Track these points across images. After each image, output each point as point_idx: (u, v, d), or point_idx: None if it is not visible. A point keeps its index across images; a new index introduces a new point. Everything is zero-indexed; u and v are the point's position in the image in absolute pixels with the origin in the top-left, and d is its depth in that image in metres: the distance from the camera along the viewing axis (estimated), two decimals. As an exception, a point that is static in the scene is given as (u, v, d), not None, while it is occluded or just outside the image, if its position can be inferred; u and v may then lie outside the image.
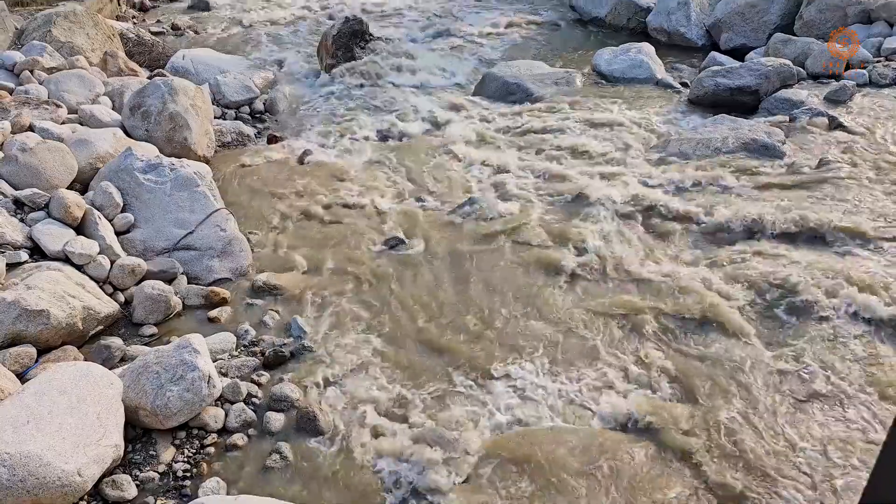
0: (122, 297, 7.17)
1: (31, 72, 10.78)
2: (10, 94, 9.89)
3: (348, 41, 14.83)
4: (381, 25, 18.12)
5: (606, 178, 9.80)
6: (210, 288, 7.44)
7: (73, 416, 4.93)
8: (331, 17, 18.88)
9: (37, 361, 5.99)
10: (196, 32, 18.63)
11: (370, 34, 15.26)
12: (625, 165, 10.21)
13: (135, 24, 18.00)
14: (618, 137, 11.11)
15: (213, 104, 12.08)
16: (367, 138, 11.79)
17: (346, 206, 9.52)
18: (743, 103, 11.97)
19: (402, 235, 8.63)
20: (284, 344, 6.70)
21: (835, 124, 10.70)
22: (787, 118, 11.17)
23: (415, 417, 5.87)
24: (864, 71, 12.40)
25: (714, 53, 14.20)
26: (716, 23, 15.73)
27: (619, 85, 13.68)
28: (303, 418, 5.79)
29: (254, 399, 6.03)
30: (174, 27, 18.77)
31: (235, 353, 6.59)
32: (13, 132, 8.63)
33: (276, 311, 7.25)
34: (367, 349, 6.69)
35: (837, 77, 12.40)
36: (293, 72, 15.18)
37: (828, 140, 10.34)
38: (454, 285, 7.69)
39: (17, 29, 12.49)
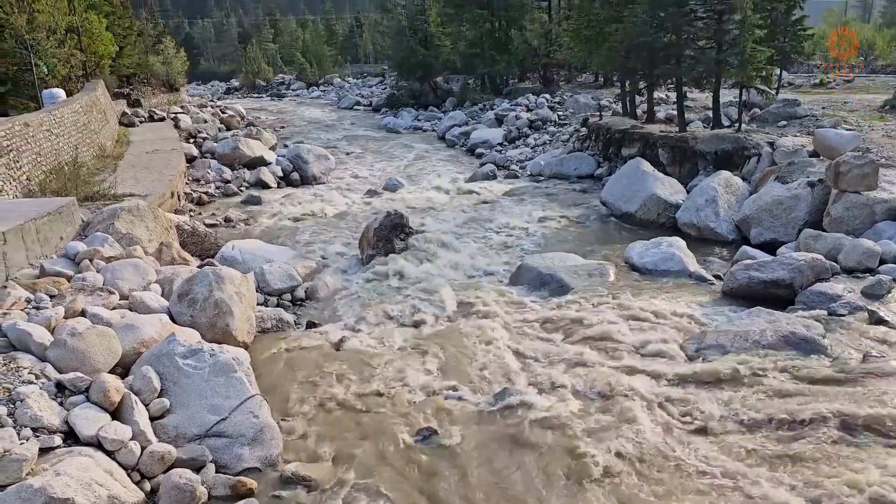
0: (148, 486, 7.04)
1: (91, 260, 11.44)
2: (68, 281, 10.45)
3: (389, 233, 15.58)
4: (421, 219, 19.08)
5: (642, 371, 9.67)
6: (238, 478, 7.27)
7: None
8: (372, 212, 20.01)
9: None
10: (247, 224, 19.84)
11: (410, 227, 16.03)
12: (661, 357, 10.09)
13: (191, 216, 19.28)
14: (653, 329, 11.09)
15: (257, 291, 12.55)
16: (402, 325, 11.98)
17: (379, 394, 9.47)
18: (778, 296, 12.00)
19: (434, 426, 8.47)
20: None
21: (875, 318, 10.57)
22: (826, 312, 11.10)
23: None
24: (899, 266, 12.46)
25: (745, 247, 14.48)
26: (744, 218, 16.21)
27: (651, 277, 13.90)
28: None
29: None
30: (227, 220, 20.06)
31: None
32: (66, 317, 9.00)
33: (304, 506, 7.00)
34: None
35: (872, 271, 12.45)
36: (335, 261, 15.86)
37: (870, 334, 10.17)
38: (486, 481, 7.39)
39: (83, 221, 13.45)
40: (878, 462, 7.23)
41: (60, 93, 27.28)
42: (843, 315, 10.83)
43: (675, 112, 25.45)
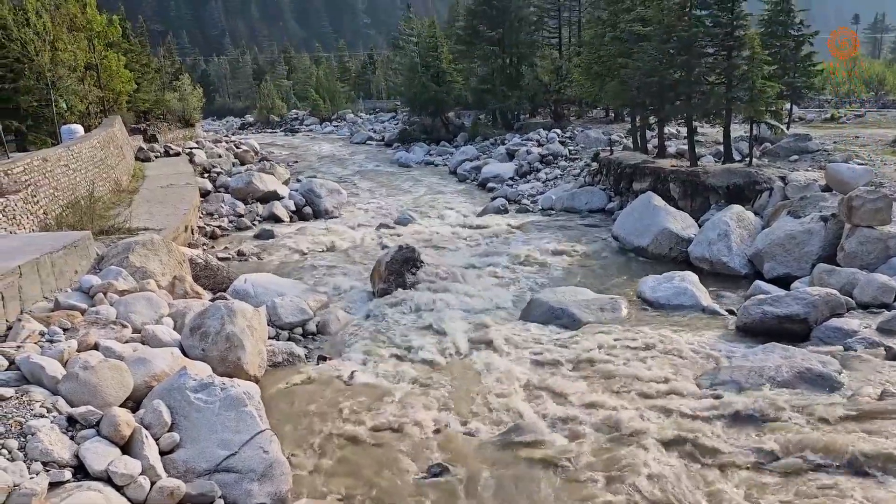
0: (156, 522, 6.96)
1: (105, 294, 11.52)
2: (82, 315, 10.51)
3: (400, 267, 15.62)
4: (433, 253, 19.11)
5: (656, 407, 9.55)
6: (246, 515, 7.18)
7: None
8: (384, 246, 20.08)
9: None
10: (260, 258, 19.95)
11: (421, 261, 16.06)
12: (674, 394, 9.97)
13: (204, 250, 19.42)
14: (666, 364, 10.99)
15: (268, 325, 12.57)
16: (413, 360, 11.93)
17: (390, 429, 9.40)
18: (792, 332, 11.88)
19: (445, 462, 8.38)
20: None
21: (892, 354, 10.43)
22: (842, 347, 10.98)
23: None
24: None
25: (758, 282, 14.39)
26: (757, 253, 16.14)
27: (664, 312, 13.82)
28: None
29: None
30: (240, 253, 20.19)
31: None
32: (79, 350, 9.03)
33: (312, 543, 6.91)
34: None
35: (888, 306, 12.33)
36: (346, 295, 15.89)
37: (887, 370, 10.02)
38: (499, 519, 7.28)
39: (98, 255, 13.58)
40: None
41: (79, 128, 27.80)
42: (860, 350, 10.69)
43: (685, 147, 25.57)
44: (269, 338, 12.33)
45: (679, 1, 22.32)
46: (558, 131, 39.65)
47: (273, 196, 27.28)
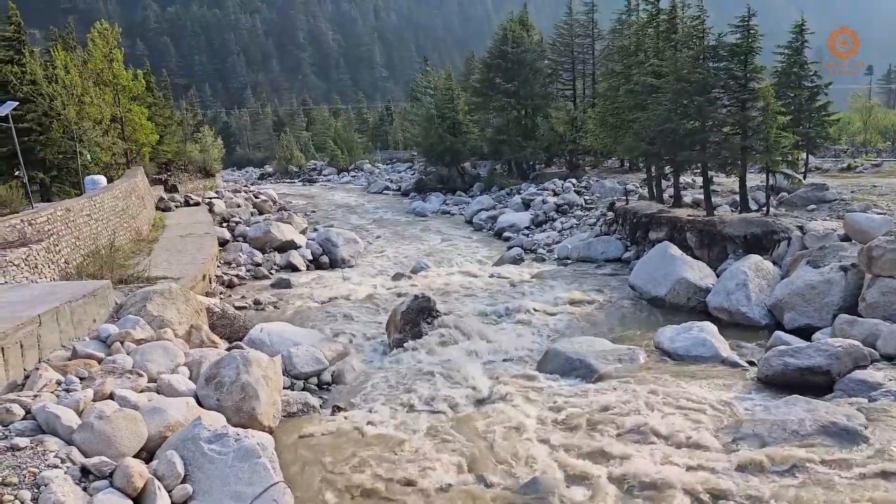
0: (167, 577, 6.85)
1: (122, 342, 11.59)
2: (99, 363, 10.56)
3: (416, 317, 15.58)
4: (448, 302, 19.08)
5: (676, 462, 9.34)
6: (258, 570, 7.05)
7: None
8: (400, 295, 20.09)
9: None
10: (276, 307, 20.02)
11: (437, 311, 16.02)
12: (696, 448, 9.76)
13: (221, 299, 19.53)
14: (687, 417, 10.78)
15: (283, 375, 12.53)
16: (429, 411, 11.79)
17: (405, 482, 9.24)
18: (815, 384, 11.64)
19: (461, 517, 8.21)
20: None
21: (919, 408, 10.17)
22: (866, 400, 10.73)
23: None
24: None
25: (779, 333, 14.17)
26: (777, 303, 15.95)
27: (683, 362, 13.62)
28: None
29: None
30: (256, 302, 20.28)
31: None
32: (94, 400, 9.05)
33: None
34: None
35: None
36: (362, 345, 15.84)
37: (914, 425, 9.76)
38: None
39: (116, 304, 13.70)
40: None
41: (102, 179, 28.40)
42: (885, 404, 10.44)
43: (701, 196, 25.58)
44: (284, 387, 12.27)
45: (693, 54, 22.63)
46: (574, 181, 39.88)
47: (290, 245, 27.53)
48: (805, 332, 14.49)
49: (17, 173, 22.64)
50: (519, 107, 49.16)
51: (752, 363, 13.36)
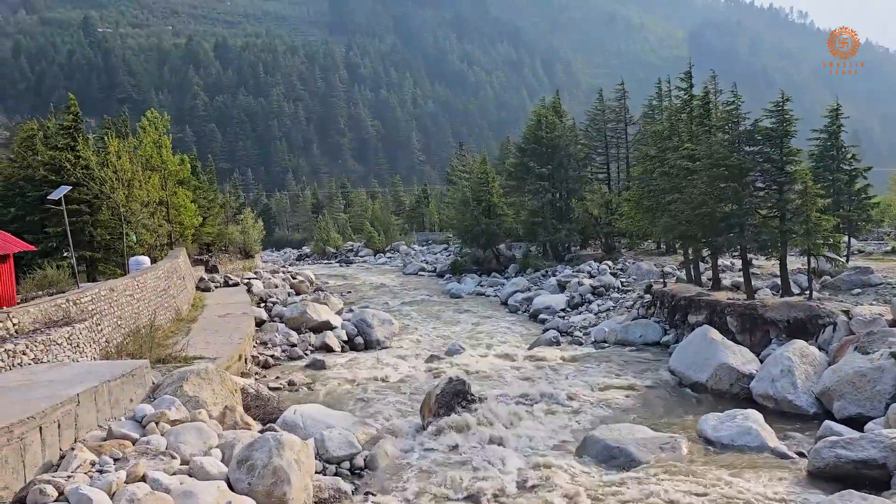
0: None
1: (157, 423, 11.58)
2: (133, 444, 10.54)
3: (451, 400, 15.34)
4: (483, 386, 18.78)
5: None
6: None
7: None
8: (435, 377, 19.85)
9: None
10: (310, 388, 19.92)
11: (472, 394, 15.77)
12: (745, 545, 9.25)
13: (256, 379, 19.53)
14: (734, 512, 10.27)
15: (315, 458, 12.33)
16: (464, 499, 11.44)
17: (438, 576, 8.88)
18: (871, 478, 11.04)
19: None
20: None
21: None
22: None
23: None
24: None
25: (829, 422, 13.57)
26: (825, 390, 15.35)
27: (728, 452, 13.08)
28: None
29: None
30: (291, 383, 20.22)
31: None
32: (127, 481, 8.99)
33: None
34: None
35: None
36: (395, 428, 15.55)
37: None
38: None
39: (153, 383, 13.79)
40: None
41: (145, 259, 29.18)
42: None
43: (740, 279, 25.17)
44: (316, 472, 12.05)
45: (728, 138, 22.78)
46: (609, 263, 39.68)
47: (326, 326, 27.64)
48: (856, 422, 13.86)
49: (65, 254, 23.41)
50: (553, 190, 49.65)
51: (801, 454, 12.77)
